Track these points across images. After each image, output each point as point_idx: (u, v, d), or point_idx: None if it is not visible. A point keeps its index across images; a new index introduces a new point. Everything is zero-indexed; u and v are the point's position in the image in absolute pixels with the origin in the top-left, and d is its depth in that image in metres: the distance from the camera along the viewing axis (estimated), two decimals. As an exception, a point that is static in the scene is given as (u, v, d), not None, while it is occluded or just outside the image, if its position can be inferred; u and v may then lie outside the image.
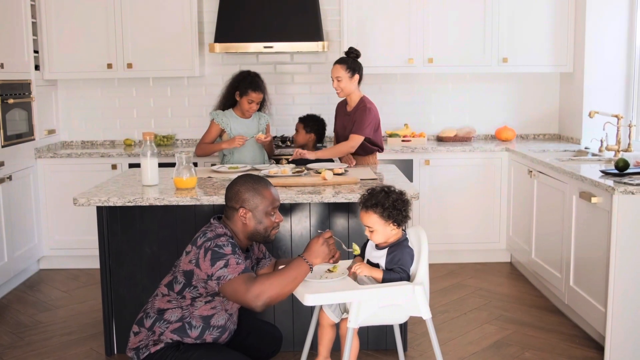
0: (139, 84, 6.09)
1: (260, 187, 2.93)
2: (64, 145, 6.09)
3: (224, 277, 2.72)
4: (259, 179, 2.97)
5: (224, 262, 2.73)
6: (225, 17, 5.60)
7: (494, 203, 5.58)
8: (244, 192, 2.91)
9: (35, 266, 5.64)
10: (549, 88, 6.10)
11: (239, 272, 2.72)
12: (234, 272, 2.71)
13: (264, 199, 2.91)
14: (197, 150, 4.83)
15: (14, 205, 5.10)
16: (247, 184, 2.93)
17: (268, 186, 2.96)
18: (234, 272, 2.72)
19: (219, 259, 2.73)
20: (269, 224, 2.94)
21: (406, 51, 5.70)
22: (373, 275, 2.85)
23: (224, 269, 2.72)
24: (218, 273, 2.72)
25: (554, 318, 4.44)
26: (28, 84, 5.40)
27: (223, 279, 2.72)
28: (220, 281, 2.72)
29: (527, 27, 5.69)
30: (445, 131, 5.97)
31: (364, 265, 2.88)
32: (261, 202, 2.91)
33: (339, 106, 4.90)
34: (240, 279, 2.70)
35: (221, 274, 2.72)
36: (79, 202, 3.53)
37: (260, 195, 2.91)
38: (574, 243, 4.18)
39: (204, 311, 2.87)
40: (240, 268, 2.73)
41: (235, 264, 2.73)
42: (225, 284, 2.72)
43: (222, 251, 2.75)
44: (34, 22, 5.55)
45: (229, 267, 2.72)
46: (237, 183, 2.96)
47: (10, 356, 3.97)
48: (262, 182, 2.96)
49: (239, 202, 2.91)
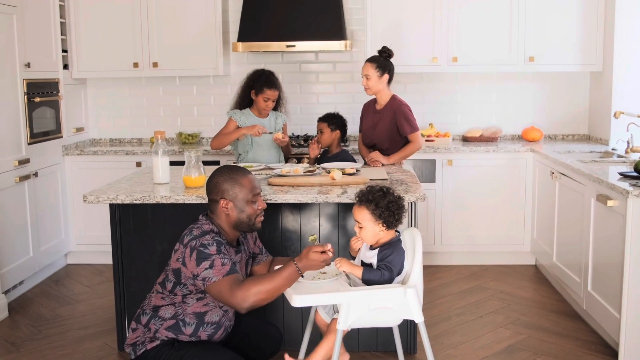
0: (165, 83, 6.17)
1: (237, 176, 2.94)
2: (92, 142, 6.21)
3: (209, 279, 2.73)
4: (236, 169, 2.99)
5: (209, 263, 2.74)
6: (248, 16, 5.63)
7: (518, 205, 5.47)
8: (222, 183, 2.92)
9: (63, 261, 5.77)
10: (578, 88, 5.95)
11: (223, 274, 2.72)
12: (218, 274, 2.72)
13: (243, 187, 2.92)
14: (212, 143, 4.69)
15: (40, 200, 5.22)
16: (225, 174, 2.95)
17: (246, 174, 2.96)
18: (219, 274, 2.72)
19: (204, 259, 2.74)
20: (252, 211, 2.94)
21: (430, 50, 5.64)
22: (353, 272, 2.84)
23: (209, 269, 2.73)
24: (203, 274, 2.74)
25: (572, 323, 4.34)
26: (56, 82, 5.53)
27: (208, 280, 2.73)
28: (206, 282, 2.74)
29: (555, 25, 5.56)
30: (470, 131, 5.89)
31: (344, 261, 2.86)
32: (240, 190, 2.91)
33: (368, 105, 4.87)
34: (224, 281, 2.71)
35: (206, 275, 2.73)
36: (88, 200, 3.60)
37: (238, 184, 2.91)
38: (592, 247, 4.07)
39: (197, 308, 2.89)
40: (225, 269, 2.73)
41: (220, 265, 2.74)
42: (210, 285, 2.73)
43: (207, 251, 2.76)
44: (62, 22, 5.68)
45: (214, 269, 2.73)
46: (215, 175, 2.98)
47: (27, 348, 4.07)
48: (239, 171, 2.97)
49: (219, 194, 2.92)
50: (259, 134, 4.54)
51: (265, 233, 3.79)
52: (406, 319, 2.95)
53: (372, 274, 2.81)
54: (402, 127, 4.59)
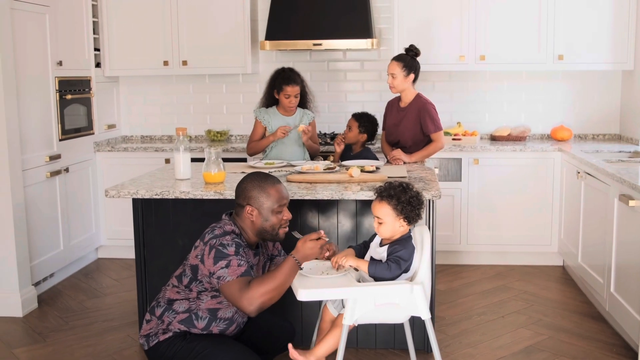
0: (195, 81, 6.27)
1: (266, 185, 2.94)
2: (124, 139, 6.34)
3: (223, 278, 2.76)
4: (266, 177, 2.99)
5: (225, 262, 2.77)
6: (276, 15, 5.69)
7: (546, 204, 5.41)
8: (250, 190, 2.94)
9: (94, 255, 5.90)
10: (609, 86, 5.85)
11: (237, 275, 2.75)
12: (233, 275, 2.75)
13: (270, 197, 2.92)
14: (247, 150, 4.90)
15: (71, 195, 5.35)
16: (254, 181, 2.96)
17: (275, 184, 2.96)
18: (234, 274, 2.75)
19: (221, 258, 2.78)
20: (276, 221, 2.94)
21: (457, 48, 5.61)
22: (359, 265, 2.84)
23: (225, 269, 2.76)
24: (219, 272, 2.77)
25: (595, 325, 4.28)
26: (88, 80, 5.66)
27: (222, 279, 2.76)
28: (220, 281, 2.77)
29: (584, 23, 5.47)
30: (499, 130, 5.84)
31: (349, 256, 2.87)
32: (267, 200, 2.92)
33: (392, 102, 4.88)
34: (237, 282, 2.74)
35: (221, 274, 2.77)
36: (110, 194, 3.68)
37: (265, 193, 2.92)
38: (615, 248, 4.01)
39: (210, 305, 2.93)
40: (240, 270, 2.76)
41: (236, 266, 2.77)
42: (224, 285, 2.77)
43: (226, 251, 2.79)
44: (95, 21, 5.81)
45: (230, 268, 2.76)
46: (245, 180, 3.00)
47: (53, 338, 4.19)
48: (269, 180, 2.97)
49: (245, 200, 2.94)
50: (284, 135, 4.62)
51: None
52: (415, 317, 2.95)
53: (379, 267, 2.82)
54: (425, 125, 4.59)
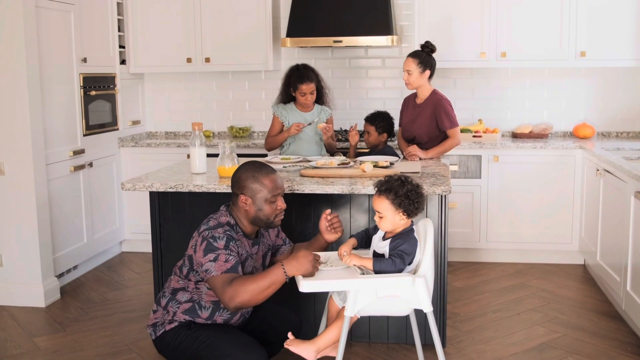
0: (218, 78, 6.34)
1: (260, 174, 2.96)
2: (148, 135, 6.44)
3: (209, 271, 2.81)
4: (260, 166, 3.00)
5: (214, 256, 2.81)
6: (297, 12, 5.73)
7: (566, 202, 5.36)
8: (244, 179, 2.97)
9: (118, 248, 6.02)
10: (633, 83, 5.77)
11: (222, 271, 2.79)
12: (218, 270, 2.79)
13: (263, 187, 2.95)
14: (265, 145, 4.96)
15: (95, 190, 5.46)
16: (248, 171, 2.98)
17: (269, 174, 2.98)
18: (219, 269, 2.79)
19: (211, 251, 2.82)
20: (269, 211, 2.97)
21: (478, 45, 5.59)
22: (364, 264, 2.85)
23: (212, 262, 2.80)
24: (206, 265, 2.82)
25: (611, 324, 4.23)
26: (113, 77, 5.77)
27: (209, 272, 2.81)
28: (207, 274, 2.82)
29: (607, 19, 5.40)
30: (520, 127, 5.80)
31: (353, 255, 2.88)
32: (260, 189, 2.94)
33: (408, 99, 4.88)
34: (220, 278, 2.78)
35: (209, 267, 2.81)
36: (125, 187, 3.76)
37: (259, 183, 2.95)
38: (632, 246, 3.97)
39: (212, 295, 2.97)
40: (226, 266, 2.79)
41: (223, 261, 2.80)
42: (210, 278, 2.82)
43: (216, 244, 2.82)
44: (120, 19, 5.92)
45: (217, 263, 2.80)
46: (239, 170, 3.03)
47: (73, 328, 4.30)
48: (263, 170, 2.99)
49: (240, 189, 2.98)
50: (298, 131, 4.66)
51: (297, 224, 3.87)
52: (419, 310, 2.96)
53: (383, 263, 2.83)
54: (441, 122, 4.58)
